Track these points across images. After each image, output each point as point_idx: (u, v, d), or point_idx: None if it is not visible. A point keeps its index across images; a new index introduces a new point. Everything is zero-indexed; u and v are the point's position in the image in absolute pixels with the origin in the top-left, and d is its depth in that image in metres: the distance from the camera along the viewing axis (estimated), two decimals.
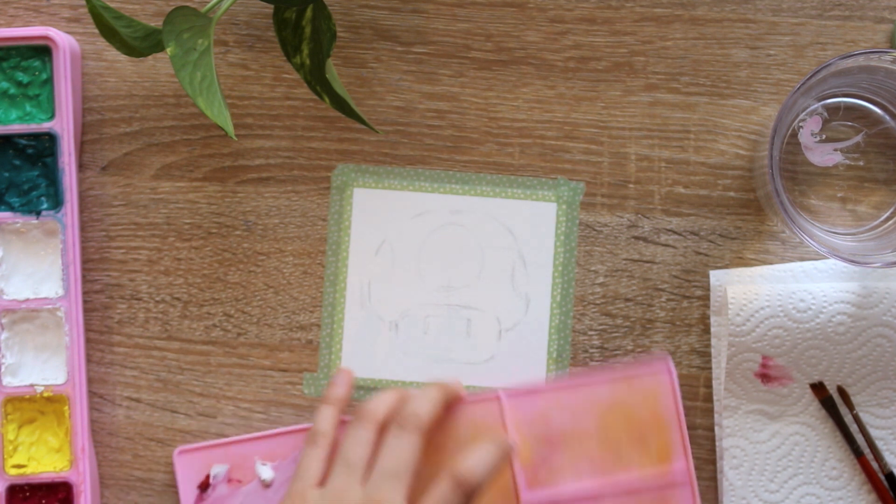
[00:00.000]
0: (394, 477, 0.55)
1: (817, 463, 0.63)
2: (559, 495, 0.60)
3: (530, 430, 0.61)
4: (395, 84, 0.64)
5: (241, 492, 0.62)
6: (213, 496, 0.62)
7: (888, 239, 0.61)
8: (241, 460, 0.62)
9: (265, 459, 0.62)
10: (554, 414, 0.61)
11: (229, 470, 0.62)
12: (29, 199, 0.63)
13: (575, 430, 0.61)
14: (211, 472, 0.62)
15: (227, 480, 0.62)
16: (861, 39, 0.64)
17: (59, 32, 0.63)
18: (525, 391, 0.61)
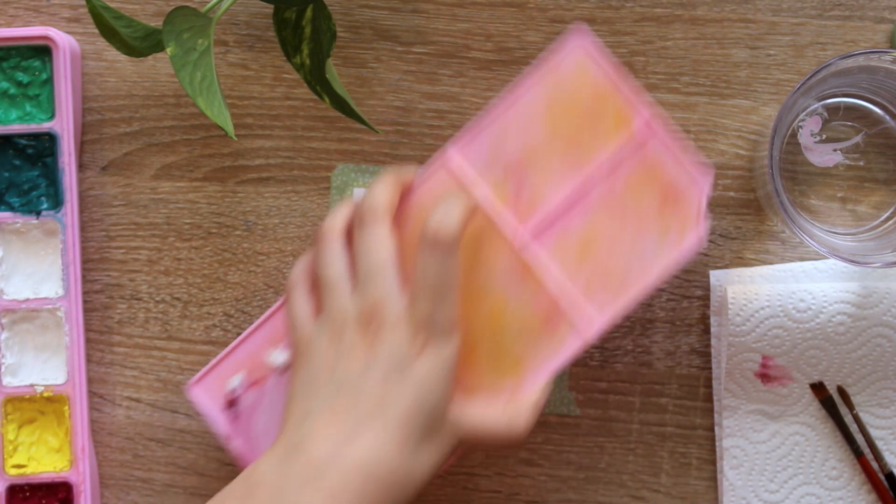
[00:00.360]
0: (377, 273, 0.53)
1: (817, 463, 0.63)
2: (549, 215, 0.56)
3: (492, 172, 0.56)
4: (395, 84, 0.64)
5: (267, 389, 0.59)
6: (243, 408, 0.59)
7: (888, 239, 0.61)
8: (251, 361, 0.59)
9: (273, 346, 0.59)
10: (503, 143, 0.56)
11: (245, 376, 0.59)
12: (29, 199, 0.63)
13: (530, 145, 0.56)
14: (228, 387, 0.59)
15: (248, 386, 0.59)
16: (861, 39, 0.64)
17: (59, 32, 0.63)
18: (468, 137, 0.57)
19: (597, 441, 0.64)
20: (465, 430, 0.53)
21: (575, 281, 0.56)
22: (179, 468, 0.65)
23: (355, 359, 0.52)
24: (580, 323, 0.56)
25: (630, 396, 0.64)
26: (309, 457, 0.51)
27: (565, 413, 0.64)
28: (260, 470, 0.51)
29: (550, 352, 0.56)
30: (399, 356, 0.52)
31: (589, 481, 0.65)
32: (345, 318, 0.53)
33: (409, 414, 0.51)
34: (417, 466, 0.51)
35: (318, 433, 0.51)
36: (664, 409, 0.64)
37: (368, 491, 0.50)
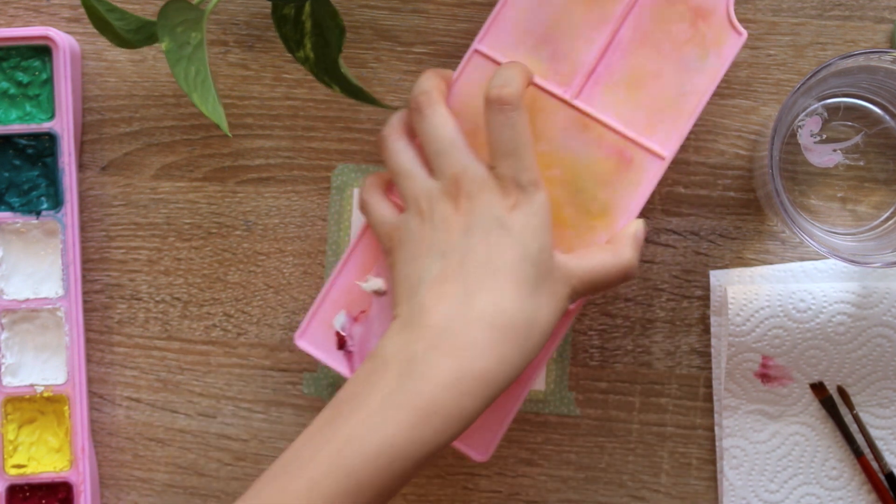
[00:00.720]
0: (450, 147, 0.54)
1: (817, 463, 0.63)
2: (590, 68, 0.58)
3: (523, 48, 0.58)
4: (395, 84, 0.64)
5: (371, 318, 0.60)
6: (356, 344, 0.60)
7: (888, 239, 0.61)
8: (347, 297, 0.60)
9: (363, 276, 0.60)
10: (525, 20, 0.58)
11: (347, 312, 0.60)
12: (29, 199, 0.63)
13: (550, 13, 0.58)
14: (335, 327, 0.60)
15: (353, 321, 0.60)
16: (861, 39, 0.64)
17: (59, 32, 0.63)
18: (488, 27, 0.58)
19: (597, 441, 0.64)
20: (578, 276, 0.54)
21: (634, 118, 0.58)
22: (179, 468, 0.65)
23: (453, 227, 0.54)
24: (654, 147, 0.58)
25: (630, 396, 0.64)
26: (429, 323, 0.52)
27: (565, 413, 0.64)
28: (383, 349, 0.52)
29: (634, 184, 0.58)
30: (494, 214, 0.53)
31: (589, 481, 0.65)
32: (430, 196, 0.55)
33: (517, 263, 0.52)
34: (538, 313, 0.52)
35: (433, 301, 0.52)
36: (664, 409, 0.64)
37: (494, 341, 0.51)
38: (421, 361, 0.51)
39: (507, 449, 0.65)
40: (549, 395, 0.64)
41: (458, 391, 0.50)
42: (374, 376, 0.52)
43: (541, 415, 0.64)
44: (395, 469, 0.50)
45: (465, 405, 0.50)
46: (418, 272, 0.54)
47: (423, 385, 0.50)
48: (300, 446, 0.51)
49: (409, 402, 0.50)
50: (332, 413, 0.52)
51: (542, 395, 0.64)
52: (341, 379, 0.64)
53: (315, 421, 0.52)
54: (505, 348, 0.51)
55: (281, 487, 0.50)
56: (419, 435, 0.50)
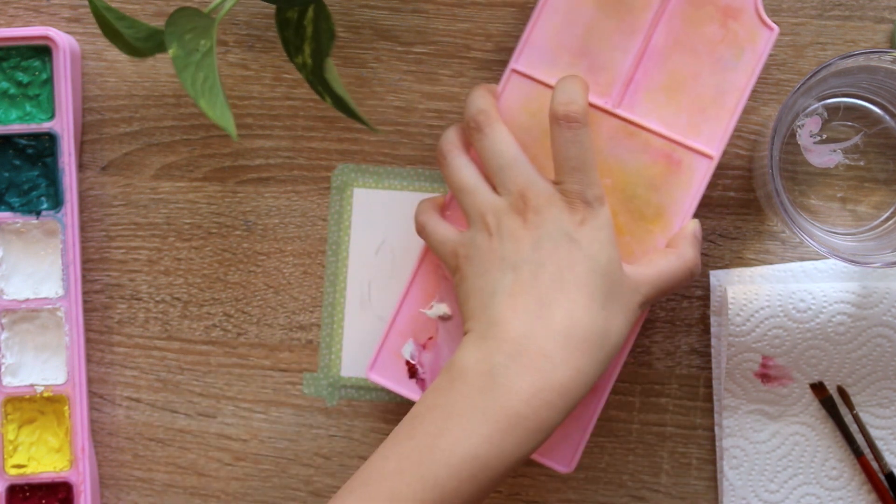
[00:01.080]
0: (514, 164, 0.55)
1: (817, 463, 0.63)
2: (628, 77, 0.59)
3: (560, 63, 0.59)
4: (395, 84, 0.64)
5: (439, 344, 0.61)
6: (427, 371, 0.60)
7: (888, 239, 0.61)
8: (413, 326, 0.61)
9: (427, 303, 0.61)
10: (559, 36, 0.59)
11: (414, 340, 0.61)
12: (29, 199, 0.63)
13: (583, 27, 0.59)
14: (404, 356, 0.61)
15: (422, 348, 0.61)
16: (861, 39, 0.64)
17: (59, 32, 0.63)
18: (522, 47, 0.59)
19: (597, 441, 0.64)
20: (647, 283, 0.55)
21: (677, 121, 0.59)
22: (179, 468, 0.65)
23: (522, 241, 0.54)
24: (700, 148, 0.59)
25: (630, 396, 0.64)
26: (506, 336, 0.52)
27: None
28: (461, 361, 0.53)
29: (685, 186, 0.59)
30: (563, 229, 0.54)
31: (589, 481, 0.65)
32: (496, 211, 0.55)
33: (588, 276, 0.53)
34: (610, 325, 0.53)
35: (507, 313, 0.53)
36: (664, 409, 0.64)
37: (570, 353, 0.52)
38: (501, 374, 0.51)
39: None
40: None
41: (538, 403, 0.51)
42: (454, 389, 0.52)
43: None
44: (478, 480, 0.50)
45: (545, 416, 0.51)
46: (491, 285, 0.54)
47: (504, 397, 0.51)
48: (379, 459, 0.52)
49: (491, 414, 0.51)
50: (411, 426, 0.52)
51: None
52: (342, 379, 0.64)
53: (393, 435, 0.53)
54: (580, 360, 0.52)
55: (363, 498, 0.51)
56: (502, 446, 0.50)
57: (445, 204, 0.60)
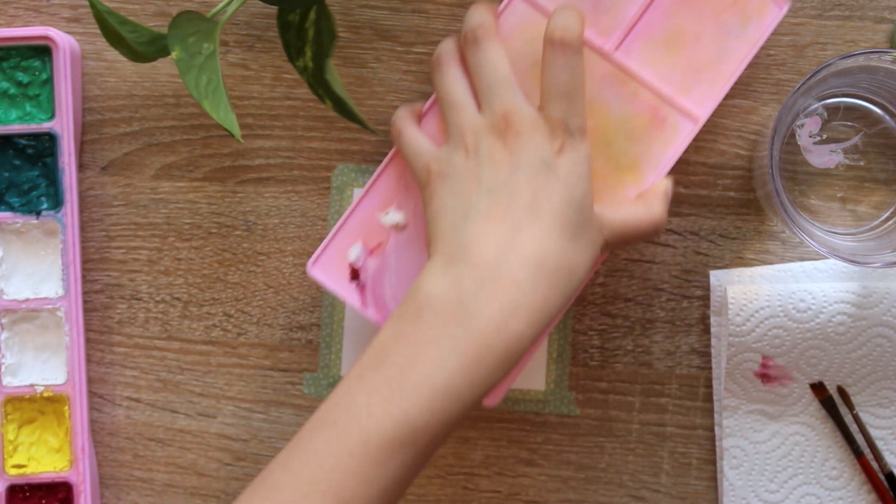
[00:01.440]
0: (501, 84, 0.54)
1: (817, 463, 0.63)
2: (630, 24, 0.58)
3: None
4: (395, 84, 0.64)
5: (387, 252, 0.59)
6: (369, 277, 0.59)
7: (888, 239, 0.61)
8: (364, 229, 0.59)
9: (383, 209, 0.59)
10: None
11: (363, 243, 0.59)
12: (29, 199, 0.63)
13: None
14: (349, 258, 0.59)
15: (369, 253, 0.59)
16: (861, 39, 0.64)
17: (59, 32, 0.63)
18: None
19: (597, 441, 0.64)
20: (610, 227, 0.55)
21: (671, 77, 0.58)
22: (179, 468, 0.65)
23: (500, 164, 0.53)
24: (688, 108, 0.58)
25: (630, 396, 0.64)
26: (476, 261, 0.51)
27: (565, 413, 0.64)
28: (427, 288, 0.52)
29: (665, 143, 0.58)
30: (542, 156, 0.53)
31: (589, 481, 0.65)
32: (477, 131, 0.54)
33: (562, 207, 0.52)
34: (578, 259, 0.53)
35: (479, 238, 0.52)
36: (664, 409, 0.64)
37: (538, 282, 0.51)
38: (471, 302, 0.50)
39: (507, 449, 0.65)
40: (549, 395, 0.64)
41: (507, 333, 0.50)
42: (422, 318, 0.51)
43: (541, 415, 0.64)
44: (448, 413, 0.49)
45: (514, 346, 0.50)
46: (464, 207, 0.53)
47: (474, 327, 0.50)
48: (345, 395, 0.50)
49: (462, 344, 0.50)
50: (378, 357, 0.51)
51: (542, 395, 0.64)
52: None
53: (357, 367, 0.51)
54: (548, 290, 0.51)
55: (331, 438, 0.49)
56: (472, 378, 0.50)
57: (423, 113, 0.59)
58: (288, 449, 0.50)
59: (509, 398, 0.64)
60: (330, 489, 0.48)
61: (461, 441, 0.65)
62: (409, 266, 0.59)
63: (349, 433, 0.49)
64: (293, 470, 0.49)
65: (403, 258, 0.59)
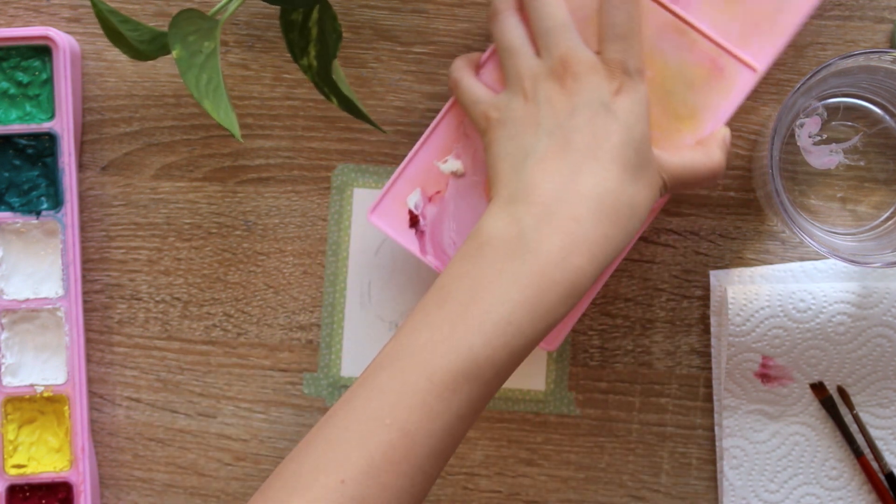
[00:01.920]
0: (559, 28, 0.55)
1: (817, 463, 0.63)
2: None
3: None
4: (395, 84, 0.64)
5: (447, 200, 0.60)
6: (428, 224, 0.60)
7: (888, 239, 0.61)
8: (423, 177, 0.60)
9: (442, 156, 0.60)
10: None
11: (422, 191, 0.60)
12: (29, 199, 0.63)
13: None
14: (408, 205, 0.60)
15: (428, 201, 0.60)
16: (861, 39, 0.64)
17: (59, 32, 0.63)
18: None
19: (597, 441, 0.64)
20: (669, 170, 0.55)
21: (729, 29, 0.58)
22: (179, 468, 0.65)
23: (558, 107, 0.54)
24: (747, 59, 0.58)
25: (630, 396, 0.64)
26: (536, 200, 0.52)
27: (565, 413, 0.64)
28: (488, 227, 0.52)
29: (724, 93, 0.58)
30: (600, 97, 0.53)
31: (589, 481, 0.65)
32: (535, 76, 0.55)
33: (621, 147, 0.53)
34: (638, 198, 0.53)
35: (539, 177, 0.52)
36: (664, 409, 0.64)
37: (599, 219, 0.51)
38: (531, 238, 0.51)
39: (507, 449, 0.65)
40: (549, 395, 0.64)
41: (568, 267, 0.50)
42: (483, 255, 0.51)
43: (541, 415, 0.64)
44: (513, 347, 0.50)
45: (575, 280, 0.50)
46: (523, 149, 0.54)
47: (535, 261, 0.50)
48: (408, 333, 0.51)
49: (523, 279, 0.50)
50: (440, 296, 0.51)
51: (542, 395, 0.64)
52: (342, 379, 0.64)
53: (420, 307, 0.51)
54: (609, 227, 0.52)
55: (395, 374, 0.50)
56: (534, 311, 0.50)
57: (481, 64, 0.59)
58: (351, 390, 0.51)
59: (509, 398, 0.64)
60: (395, 422, 0.48)
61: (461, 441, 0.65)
62: (467, 212, 0.60)
63: (413, 368, 0.49)
64: (356, 406, 0.50)
65: (462, 205, 0.60)
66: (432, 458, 0.49)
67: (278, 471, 0.50)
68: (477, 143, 0.59)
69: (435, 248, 0.60)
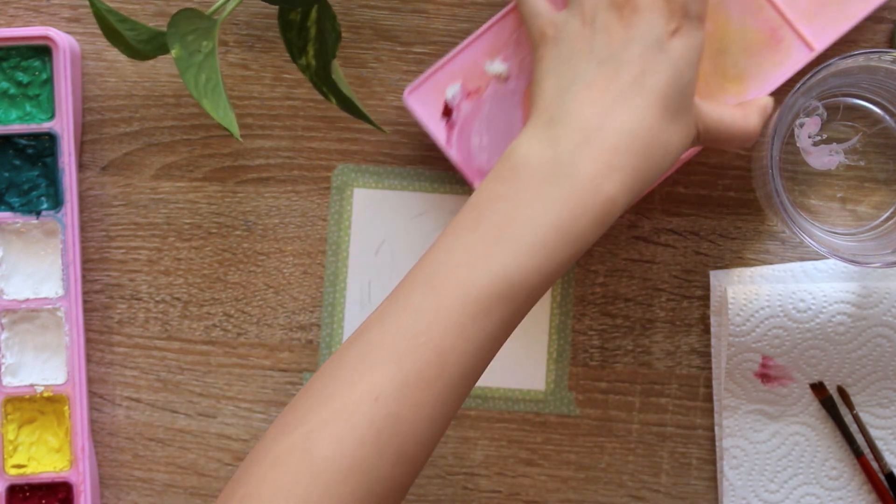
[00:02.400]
0: None
1: (817, 463, 0.63)
2: None
3: None
4: (395, 84, 0.64)
5: (484, 100, 0.60)
6: (459, 118, 0.60)
7: (888, 239, 0.61)
8: (468, 71, 0.60)
9: (490, 57, 0.60)
10: None
11: (462, 85, 0.60)
12: (29, 199, 0.63)
13: None
14: (446, 95, 0.60)
15: (465, 96, 0.60)
16: (861, 39, 0.64)
17: (59, 32, 0.63)
18: None
19: (597, 441, 0.64)
20: (705, 121, 0.55)
21: (796, 3, 0.59)
22: (179, 468, 0.65)
23: (613, 36, 0.53)
24: (807, 36, 0.59)
25: (630, 396, 0.64)
26: (576, 125, 0.52)
27: (565, 413, 0.64)
28: (522, 148, 0.52)
29: (776, 65, 0.59)
30: (656, 34, 0.53)
31: (589, 481, 0.65)
32: (597, 2, 0.54)
33: (666, 88, 0.53)
34: (672, 140, 0.53)
35: (582, 103, 0.52)
36: (664, 409, 0.64)
37: (634, 153, 0.51)
38: (567, 163, 0.51)
39: (507, 449, 0.65)
40: (549, 395, 0.64)
41: (601, 194, 0.51)
42: (519, 177, 0.51)
43: (541, 415, 0.64)
44: (545, 270, 0.50)
45: (607, 209, 0.51)
46: (571, 72, 0.53)
47: (570, 186, 0.50)
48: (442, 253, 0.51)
49: (558, 202, 0.50)
50: (474, 217, 0.51)
51: (542, 395, 0.64)
52: None
53: (452, 228, 0.51)
54: (642, 161, 0.52)
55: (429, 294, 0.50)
56: (567, 236, 0.50)
57: None
58: (383, 307, 0.51)
59: (509, 398, 0.64)
60: (430, 342, 0.49)
61: (461, 441, 0.65)
62: (501, 118, 0.60)
63: (448, 289, 0.49)
64: (390, 325, 0.50)
65: (497, 109, 0.60)
66: (464, 378, 0.49)
67: (309, 387, 0.50)
68: (526, 53, 0.60)
69: (460, 144, 0.60)
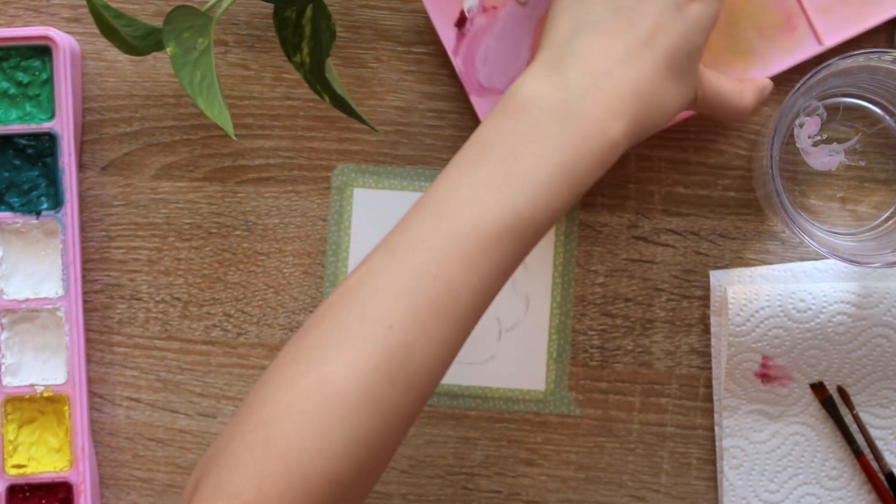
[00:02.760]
0: None
1: (817, 463, 0.63)
2: None
3: None
4: (395, 84, 0.64)
5: (499, 18, 0.61)
6: (472, 30, 0.61)
7: (888, 239, 0.61)
8: None
9: None
10: None
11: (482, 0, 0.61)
12: (29, 199, 0.63)
13: None
14: (464, 5, 0.61)
15: (482, 10, 0.61)
16: (862, 39, 0.64)
17: (59, 32, 0.63)
18: None
19: (597, 441, 0.64)
20: (704, 87, 0.56)
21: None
22: (179, 468, 0.65)
23: None
24: (819, 29, 0.60)
25: (630, 396, 0.64)
26: (585, 69, 0.52)
27: (565, 413, 0.64)
28: (531, 85, 0.52)
29: (784, 50, 0.60)
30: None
31: (589, 481, 0.65)
32: None
33: (675, 49, 0.53)
34: (671, 100, 0.53)
35: (593, 48, 0.53)
36: (664, 409, 0.64)
37: (633, 103, 0.52)
38: (576, 106, 0.51)
39: (507, 449, 0.65)
40: (549, 395, 0.64)
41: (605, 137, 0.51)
42: (527, 115, 0.52)
43: (541, 415, 0.64)
44: (551, 207, 0.50)
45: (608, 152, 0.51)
46: (586, 16, 0.54)
47: (577, 128, 0.51)
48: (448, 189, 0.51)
49: (565, 143, 0.51)
50: (481, 153, 0.51)
51: (542, 395, 0.64)
52: None
53: (457, 164, 0.52)
54: (641, 113, 0.52)
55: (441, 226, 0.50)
56: (572, 175, 0.51)
57: None
58: (391, 240, 0.51)
59: (509, 398, 0.64)
60: (442, 274, 0.49)
61: (461, 441, 0.65)
62: (510, 39, 0.61)
63: (459, 222, 0.50)
64: (401, 258, 0.50)
65: (509, 30, 0.61)
66: (472, 310, 0.50)
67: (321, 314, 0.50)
68: None
69: (466, 56, 0.61)
